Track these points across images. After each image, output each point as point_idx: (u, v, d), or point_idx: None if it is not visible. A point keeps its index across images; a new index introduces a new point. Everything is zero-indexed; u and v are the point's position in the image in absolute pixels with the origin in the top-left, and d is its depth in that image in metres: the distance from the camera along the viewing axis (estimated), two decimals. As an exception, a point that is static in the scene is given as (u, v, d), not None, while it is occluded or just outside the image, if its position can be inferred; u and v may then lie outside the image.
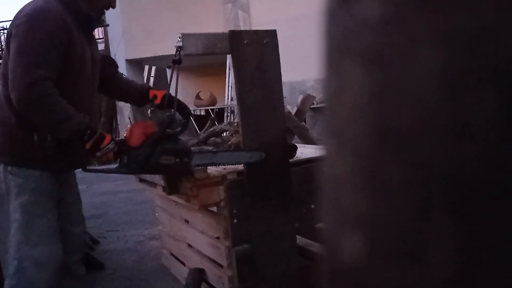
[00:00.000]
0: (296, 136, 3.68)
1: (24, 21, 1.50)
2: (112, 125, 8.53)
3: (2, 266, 1.71)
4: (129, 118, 7.92)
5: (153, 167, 1.67)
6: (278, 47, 1.85)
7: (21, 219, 1.60)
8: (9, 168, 1.62)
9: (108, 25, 1.92)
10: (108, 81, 1.93)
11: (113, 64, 1.99)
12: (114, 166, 1.71)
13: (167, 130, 1.69)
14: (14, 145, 1.62)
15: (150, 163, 1.65)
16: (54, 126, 1.53)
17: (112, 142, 1.61)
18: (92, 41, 1.78)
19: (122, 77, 2.01)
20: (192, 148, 2.37)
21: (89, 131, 1.56)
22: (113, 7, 1.75)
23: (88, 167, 1.66)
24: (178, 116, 1.83)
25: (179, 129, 1.74)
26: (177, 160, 1.68)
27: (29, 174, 1.62)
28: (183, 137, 1.90)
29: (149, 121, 1.82)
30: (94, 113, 1.80)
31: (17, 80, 1.46)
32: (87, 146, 1.57)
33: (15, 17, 1.55)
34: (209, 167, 1.89)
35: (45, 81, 1.47)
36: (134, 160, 1.65)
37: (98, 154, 1.58)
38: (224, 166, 1.97)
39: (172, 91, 1.86)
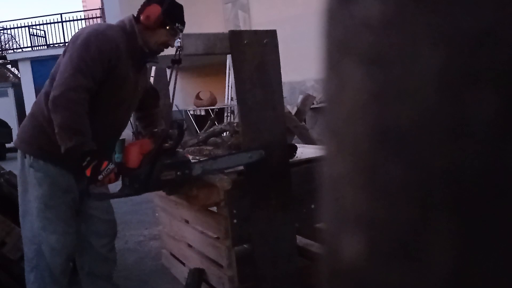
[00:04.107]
0: (296, 136, 3.68)
1: (84, 38, 1.70)
2: None
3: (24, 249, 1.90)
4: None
5: (155, 184, 1.70)
6: (278, 47, 1.85)
7: (38, 209, 1.76)
8: (31, 160, 1.76)
9: (158, 63, 1.97)
10: (143, 110, 2.07)
11: (154, 97, 2.11)
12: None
13: (163, 145, 1.69)
14: (40, 138, 1.76)
15: (152, 181, 1.67)
16: (65, 130, 1.63)
17: (111, 163, 1.66)
18: (141, 70, 1.92)
19: (155, 113, 2.11)
20: (191, 149, 2.36)
21: (89, 158, 1.62)
22: (172, 46, 1.86)
23: (92, 194, 1.69)
24: (178, 115, 1.83)
25: (174, 141, 1.74)
26: (178, 173, 1.69)
27: (48, 169, 1.76)
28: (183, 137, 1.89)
29: (145, 139, 1.82)
30: (118, 129, 1.93)
31: (61, 82, 1.63)
32: (87, 172, 1.62)
33: (77, 34, 1.78)
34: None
35: (83, 92, 1.63)
36: (136, 181, 1.68)
37: (100, 177, 1.63)
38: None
39: (172, 91, 1.88)
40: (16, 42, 15.66)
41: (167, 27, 1.78)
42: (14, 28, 15.00)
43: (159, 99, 2.14)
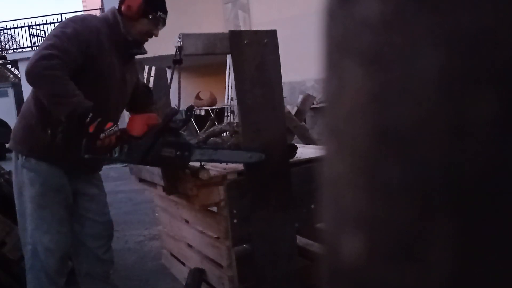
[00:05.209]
0: (296, 136, 3.68)
1: (65, 21, 1.74)
2: None
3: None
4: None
5: (153, 158, 1.67)
6: (278, 47, 1.85)
7: (32, 209, 1.77)
8: (23, 160, 1.77)
9: (146, 53, 1.94)
10: (138, 107, 2.04)
11: (148, 95, 2.09)
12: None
13: (169, 123, 1.68)
14: (31, 138, 1.77)
15: (151, 153, 1.65)
16: (54, 97, 1.59)
17: (115, 125, 1.64)
18: (128, 63, 1.89)
19: (150, 111, 2.07)
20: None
21: (91, 114, 1.58)
22: (156, 35, 1.85)
23: (86, 155, 1.62)
24: (178, 115, 1.83)
25: (180, 124, 1.73)
26: (178, 153, 1.68)
27: (39, 168, 1.76)
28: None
29: (152, 113, 1.82)
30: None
31: (33, 55, 1.60)
32: (91, 129, 1.57)
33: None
34: (210, 168, 1.89)
35: (54, 59, 1.58)
36: (135, 149, 1.66)
37: (102, 135, 1.58)
38: (224, 166, 1.97)
39: (172, 91, 1.87)
40: (16, 42, 15.66)
41: (149, 16, 1.78)
42: (14, 28, 15.00)
43: (153, 96, 2.13)
